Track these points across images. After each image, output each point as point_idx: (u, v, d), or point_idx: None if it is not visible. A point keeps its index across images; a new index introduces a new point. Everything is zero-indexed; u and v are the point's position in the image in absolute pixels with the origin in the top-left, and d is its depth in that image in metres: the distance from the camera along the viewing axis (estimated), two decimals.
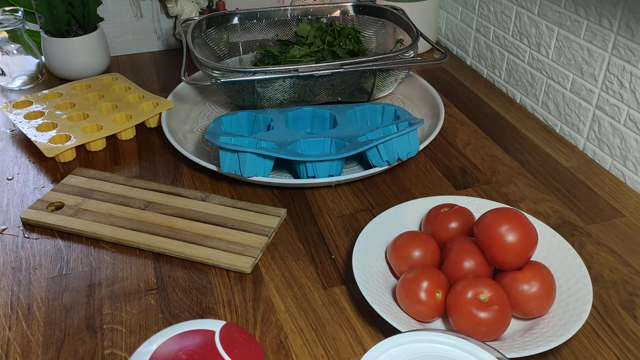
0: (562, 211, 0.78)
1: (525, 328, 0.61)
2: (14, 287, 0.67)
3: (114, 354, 0.59)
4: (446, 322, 0.62)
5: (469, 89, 1.10)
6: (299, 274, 0.69)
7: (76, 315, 0.63)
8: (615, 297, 0.65)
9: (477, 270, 0.61)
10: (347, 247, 0.72)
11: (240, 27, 1.08)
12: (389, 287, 0.64)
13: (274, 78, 0.89)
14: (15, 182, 0.84)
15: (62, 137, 0.90)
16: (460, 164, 0.88)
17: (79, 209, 0.76)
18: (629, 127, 0.84)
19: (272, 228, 0.73)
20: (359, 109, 0.91)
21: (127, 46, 1.25)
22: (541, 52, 1.00)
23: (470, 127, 0.98)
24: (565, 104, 0.96)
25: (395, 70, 0.95)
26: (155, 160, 0.89)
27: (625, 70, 0.83)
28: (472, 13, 1.17)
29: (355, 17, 1.11)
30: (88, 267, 0.69)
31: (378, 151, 0.80)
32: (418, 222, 0.73)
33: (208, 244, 0.71)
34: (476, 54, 1.19)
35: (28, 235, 0.74)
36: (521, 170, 0.87)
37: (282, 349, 0.59)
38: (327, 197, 0.81)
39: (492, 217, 0.62)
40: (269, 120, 0.88)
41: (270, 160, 0.79)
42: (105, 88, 1.03)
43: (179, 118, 0.97)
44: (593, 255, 0.71)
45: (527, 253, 0.61)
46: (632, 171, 0.85)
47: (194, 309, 0.64)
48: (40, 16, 1.07)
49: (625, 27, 0.82)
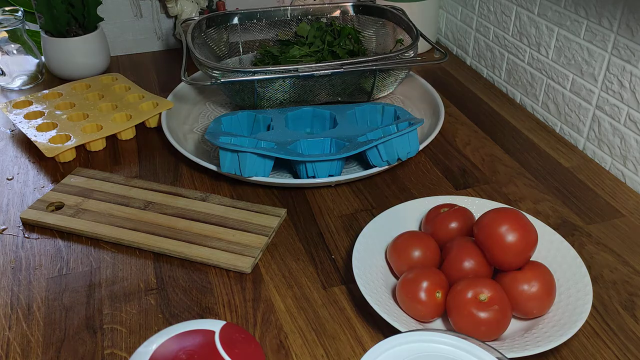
0: (562, 211, 0.78)
1: (525, 328, 0.61)
2: (14, 287, 0.67)
3: (114, 354, 0.59)
4: (446, 322, 0.62)
5: (469, 89, 1.10)
6: (299, 274, 0.69)
7: (76, 315, 0.63)
8: (615, 297, 0.65)
9: (477, 270, 0.61)
10: (347, 247, 0.72)
11: (240, 27, 1.08)
12: (389, 287, 0.64)
13: (274, 78, 0.89)
14: (15, 182, 0.84)
15: (62, 137, 0.90)
16: (460, 164, 0.88)
17: (79, 209, 0.76)
18: (629, 127, 0.84)
19: (272, 228, 0.73)
20: (359, 109, 0.91)
21: (127, 46, 1.25)
22: (541, 52, 1.00)
23: (470, 127, 0.98)
24: (565, 104, 0.96)
25: (395, 70, 0.95)
26: (155, 160, 0.89)
27: (625, 70, 0.83)
28: (472, 13, 1.17)
29: (355, 17, 1.11)
30: (88, 267, 0.69)
31: (378, 151, 0.80)
32: (418, 222, 0.73)
33: (208, 244, 0.71)
34: (476, 54, 1.19)
35: (28, 235, 0.74)
36: (521, 170, 0.87)
37: (282, 349, 0.59)
38: (327, 197, 0.81)
39: (492, 217, 0.62)
40: (269, 120, 0.88)
41: (270, 160, 0.79)
42: (105, 88, 1.03)
43: (179, 118, 0.97)
44: (593, 255, 0.71)
45: (527, 253, 0.61)
46: (632, 171, 0.85)
47: (194, 309, 0.64)
48: (40, 16, 1.07)
49: (625, 27, 0.82)
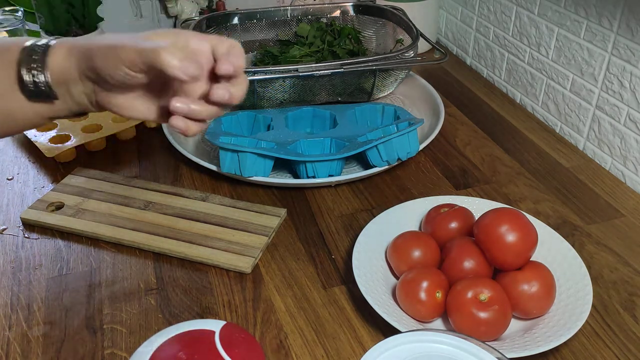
0: (562, 211, 0.78)
1: (525, 328, 0.61)
2: (14, 287, 0.67)
3: (114, 354, 0.59)
4: (446, 322, 0.62)
5: (469, 89, 1.10)
6: (299, 274, 0.69)
7: (76, 315, 0.63)
8: (615, 297, 0.65)
9: (477, 270, 0.61)
10: (347, 247, 0.72)
11: (240, 27, 1.08)
12: (389, 287, 0.64)
13: (274, 78, 0.89)
14: (15, 182, 0.84)
15: (62, 137, 0.90)
16: (460, 164, 0.88)
17: (79, 209, 0.76)
18: (629, 127, 0.84)
19: (272, 228, 0.73)
20: (359, 109, 0.91)
21: None
22: (541, 52, 1.00)
23: (470, 127, 0.98)
24: (565, 104, 0.96)
25: (395, 70, 0.95)
26: (155, 160, 0.89)
27: (625, 70, 0.83)
28: (472, 13, 1.17)
29: (355, 17, 1.11)
30: (88, 267, 0.69)
31: (378, 151, 0.80)
32: (418, 222, 0.73)
33: (208, 244, 0.71)
34: (476, 54, 1.19)
35: (28, 235, 0.74)
36: (521, 170, 0.87)
37: (282, 349, 0.59)
38: (327, 197, 0.81)
39: (492, 217, 0.62)
40: (269, 120, 0.88)
41: (270, 160, 0.79)
42: None
43: None
44: (593, 255, 0.71)
45: (527, 253, 0.61)
46: (632, 171, 0.85)
47: (194, 309, 0.64)
48: (40, 16, 1.07)
49: (625, 27, 0.82)
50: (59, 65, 0.52)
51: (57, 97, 0.53)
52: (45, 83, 0.52)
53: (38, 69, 0.52)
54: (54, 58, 0.52)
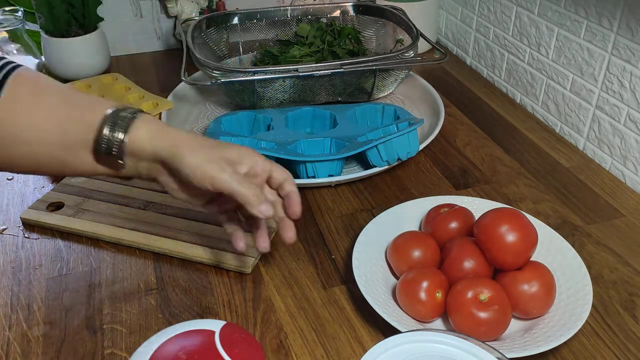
0: (562, 211, 0.78)
1: (525, 328, 0.61)
2: (14, 287, 0.67)
3: (114, 354, 0.59)
4: (446, 322, 0.62)
5: (469, 89, 1.10)
6: (299, 274, 0.69)
7: (76, 315, 0.63)
8: (615, 297, 0.65)
9: (477, 270, 0.61)
10: (347, 247, 0.72)
11: (240, 27, 1.08)
12: (389, 287, 0.64)
13: (274, 78, 0.89)
14: (15, 182, 0.84)
15: None
16: (460, 164, 0.88)
17: (79, 209, 0.76)
18: (629, 127, 0.84)
19: (272, 228, 0.73)
20: (359, 109, 0.91)
21: (127, 46, 1.25)
22: (541, 52, 1.00)
23: (470, 127, 0.98)
24: (565, 104, 0.96)
25: (395, 70, 0.95)
26: None
27: (625, 70, 0.83)
28: (472, 13, 1.17)
29: (355, 17, 1.11)
30: (88, 267, 0.69)
31: (378, 151, 0.80)
32: (418, 222, 0.73)
33: (208, 244, 0.71)
34: (476, 54, 1.19)
35: (28, 235, 0.74)
36: (521, 170, 0.87)
37: (282, 349, 0.59)
38: (327, 197, 0.81)
39: (492, 217, 0.62)
40: (269, 120, 0.88)
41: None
42: (106, 88, 1.03)
43: (179, 118, 0.97)
44: (593, 255, 0.71)
45: (527, 253, 0.61)
46: (632, 171, 0.85)
47: (194, 309, 0.64)
48: (40, 16, 1.07)
49: (625, 27, 0.82)
50: (139, 140, 0.54)
51: (123, 166, 0.55)
52: (120, 143, 0.53)
53: (120, 129, 0.53)
54: (137, 132, 0.54)
